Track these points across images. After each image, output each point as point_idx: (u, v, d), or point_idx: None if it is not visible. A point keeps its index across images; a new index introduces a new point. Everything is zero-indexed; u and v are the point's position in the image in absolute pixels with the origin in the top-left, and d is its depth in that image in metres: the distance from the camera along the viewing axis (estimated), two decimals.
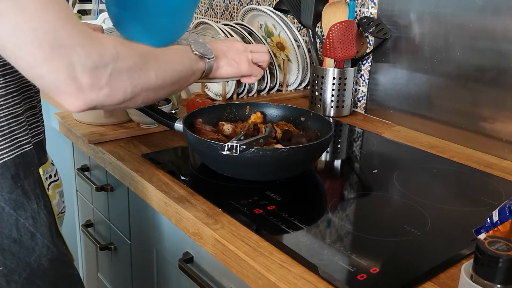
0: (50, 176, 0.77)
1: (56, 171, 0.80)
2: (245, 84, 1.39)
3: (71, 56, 0.56)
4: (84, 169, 1.20)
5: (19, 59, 0.56)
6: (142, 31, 0.98)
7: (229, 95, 1.38)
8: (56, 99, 0.59)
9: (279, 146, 0.92)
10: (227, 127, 1.01)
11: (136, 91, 0.65)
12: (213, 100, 1.39)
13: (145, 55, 0.68)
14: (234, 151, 0.81)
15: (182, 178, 0.93)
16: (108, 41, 0.61)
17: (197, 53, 0.81)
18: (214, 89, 1.42)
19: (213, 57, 0.84)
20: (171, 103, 1.16)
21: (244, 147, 0.82)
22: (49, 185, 0.75)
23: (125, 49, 0.63)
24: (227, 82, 1.37)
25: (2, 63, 0.65)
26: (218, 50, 0.88)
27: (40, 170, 0.72)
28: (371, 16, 1.32)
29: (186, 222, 0.82)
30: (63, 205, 0.81)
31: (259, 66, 0.95)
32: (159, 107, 1.07)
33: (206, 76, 0.86)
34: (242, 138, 0.88)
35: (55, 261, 0.72)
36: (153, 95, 0.70)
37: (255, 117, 1.07)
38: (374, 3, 1.31)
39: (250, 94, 1.43)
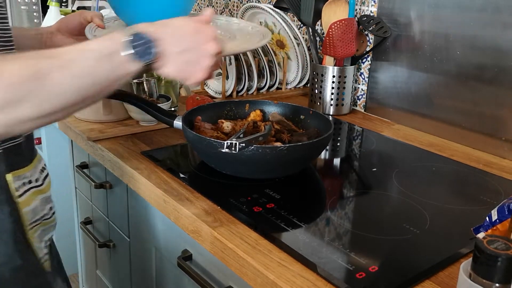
0: (30, 182, 0.72)
1: (46, 176, 0.76)
2: (244, 82, 1.39)
3: None
4: (83, 166, 1.20)
5: None
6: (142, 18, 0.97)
7: (228, 93, 1.38)
8: None
9: (278, 144, 0.92)
10: (227, 125, 1.01)
11: (8, 129, 0.57)
12: (213, 97, 1.38)
13: (20, 83, 0.55)
14: (233, 149, 0.81)
15: (181, 175, 0.92)
16: None
17: (129, 53, 0.62)
18: (214, 86, 1.42)
19: (154, 59, 0.64)
20: (171, 100, 1.16)
21: (244, 145, 0.82)
22: (26, 191, 0.71)
23: None
24: (226, 79, 1.37)
25: None
26: (170, 44, 0.65)
27: (9, 176, 0.68)
28: (371, 14, 1.32)
29: (185, 220, 0.82)
30: (45, 211, 0.76)
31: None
32: (159, 105, 1.07)
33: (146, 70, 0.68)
34: (241, 136, 0.88)
35: (19, 272, 0.69)
36: (38, 123, 0.60)
37: (255, 115, 1.07)
38: (374, 1, 1.31)
39: (250, 92, 1.43)
